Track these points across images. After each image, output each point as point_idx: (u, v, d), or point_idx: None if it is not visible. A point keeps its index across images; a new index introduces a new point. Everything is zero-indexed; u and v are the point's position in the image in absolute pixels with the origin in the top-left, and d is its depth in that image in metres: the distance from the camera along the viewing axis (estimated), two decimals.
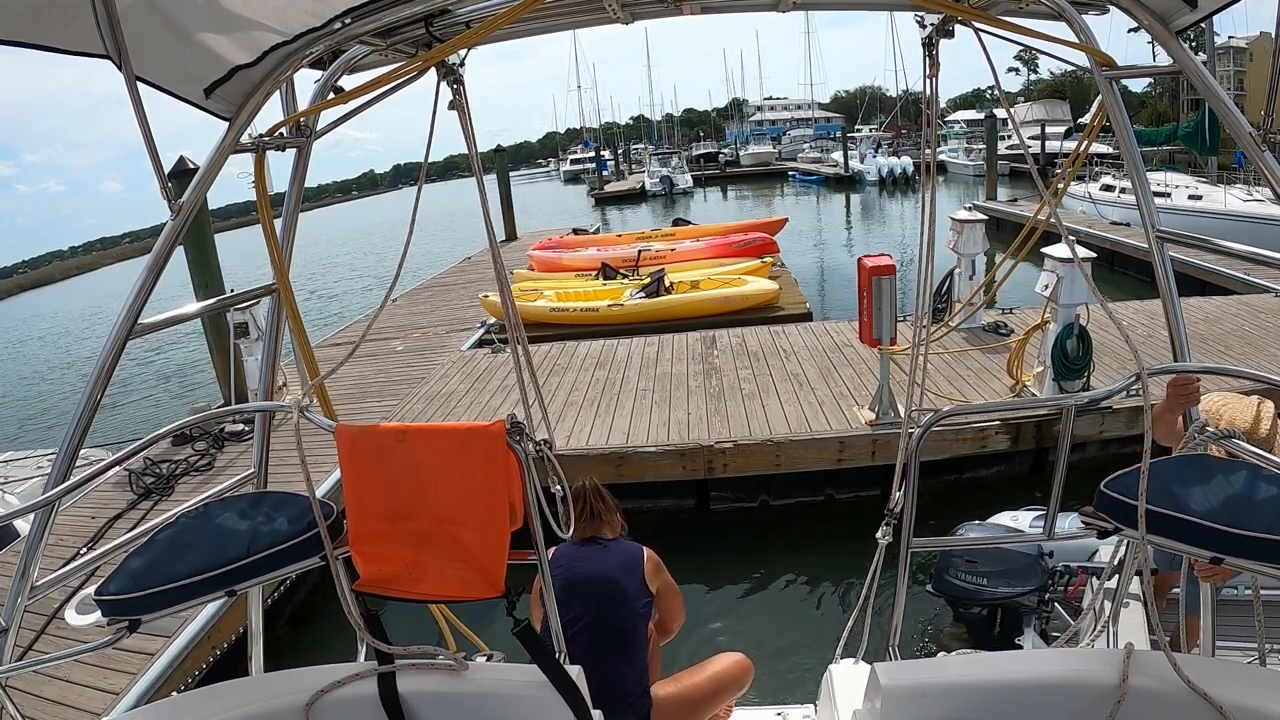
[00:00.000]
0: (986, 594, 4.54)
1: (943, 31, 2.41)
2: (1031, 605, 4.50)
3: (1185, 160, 22.02)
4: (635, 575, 2.63)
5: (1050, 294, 6.80)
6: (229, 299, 2.53)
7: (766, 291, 13.10)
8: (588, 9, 2.30)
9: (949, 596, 4.79)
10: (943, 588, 4.77)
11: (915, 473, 1.92)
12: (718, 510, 7.18)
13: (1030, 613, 4.54)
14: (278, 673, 1.91)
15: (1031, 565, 4.52)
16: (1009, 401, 3.77)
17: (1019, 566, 4.52)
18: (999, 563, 4.56)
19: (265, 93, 2.11)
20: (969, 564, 4.60)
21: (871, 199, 39.05)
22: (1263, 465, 1.71)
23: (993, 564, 4.56)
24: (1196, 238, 2.07)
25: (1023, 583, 4.48)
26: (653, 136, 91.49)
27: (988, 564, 4.57)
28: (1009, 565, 4.53)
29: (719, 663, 2.79)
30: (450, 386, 9.57)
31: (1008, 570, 4.52)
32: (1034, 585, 4.47)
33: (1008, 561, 4.55)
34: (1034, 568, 4.51)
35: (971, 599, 4.61)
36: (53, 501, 1.73)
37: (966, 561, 4.60)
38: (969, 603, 4.66)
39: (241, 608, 4.77)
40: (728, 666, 2.76)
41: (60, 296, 53.58)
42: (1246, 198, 16.15)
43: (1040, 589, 4.46)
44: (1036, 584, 4.47)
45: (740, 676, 2.79)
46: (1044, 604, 4.51)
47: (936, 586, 4.80)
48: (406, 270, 2.56)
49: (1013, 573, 4.51)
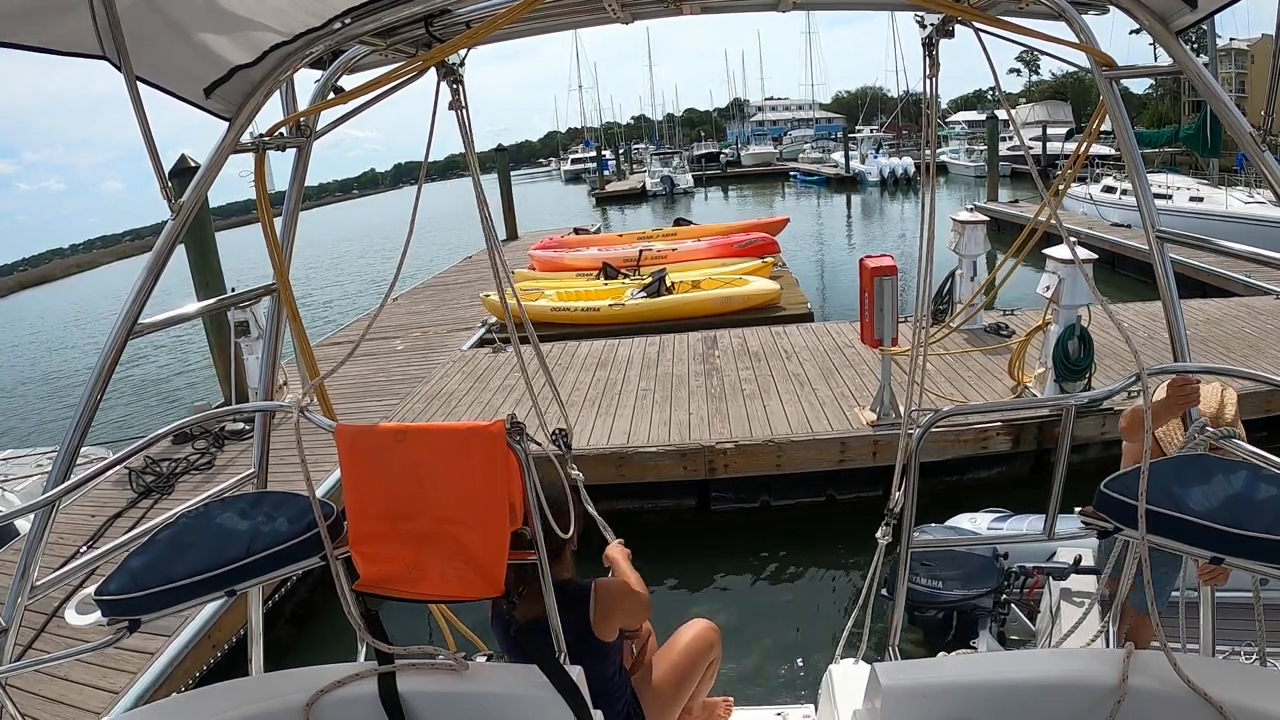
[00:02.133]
0: (942, 597, 4.46)
1: (943, 31, 2.41)
2: (987, 607, 4.42)
3: (1186, 162, 21.99)
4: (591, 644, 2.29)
5: (1051, 295, 6.80)
6: (229, 298, 2.53)
7: (768, 292, 13.10)
8: (588, 9, 2.30)
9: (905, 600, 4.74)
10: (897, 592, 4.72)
11: (915, 473, 1.92)
12: (718, 511, 7.17)
13: (986, 615, 4.46)
14: (278, 673, 1.91)
15: (987, 567, 4.46)
16: (1008, 402, 3.78)
17: (975, 568, 4.45)
18: (954, 565, 4.49)
19: (265, 93, 2.11)
20: (924, 566, 4.51)
21: (873, 199, 39.05)
22: (1263, 465, 1.71)
23: (948, 566, 4.49)
24: (1197, 238, 2.07)
25: (979, 585, 4.40)
26: (654, 136, 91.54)
27: (943, 566, 4.50)
28: (964, 567, 4.47)
29: (685, 634, 2.76)
30: (450, 386, 9.58)
31: (963, 572, 4.45)
32: (990, 587, 4.39)
33: (963, 564, 4.49)
34: (990, 569, 4.45)
35: (927, 602, 4.51)
36: (53, 501, 1.74)
37: (922, 564, 4.50)
38: (925, 606, 4.55)
39: (241, 607, 4.77)
40: (695, 636, 2.73)
41: (57, 296, 53.52)
42: (1248, 200, 16.13)
43: (996, 590, 4.39)
44: (992, 585, 4.39)
45: (710, 638, 2.76)
46: (1000, 606, 4.45)
47: (890, 591, 4.75)
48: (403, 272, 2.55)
49: (968, 575, 4.44)
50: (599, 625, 2.24)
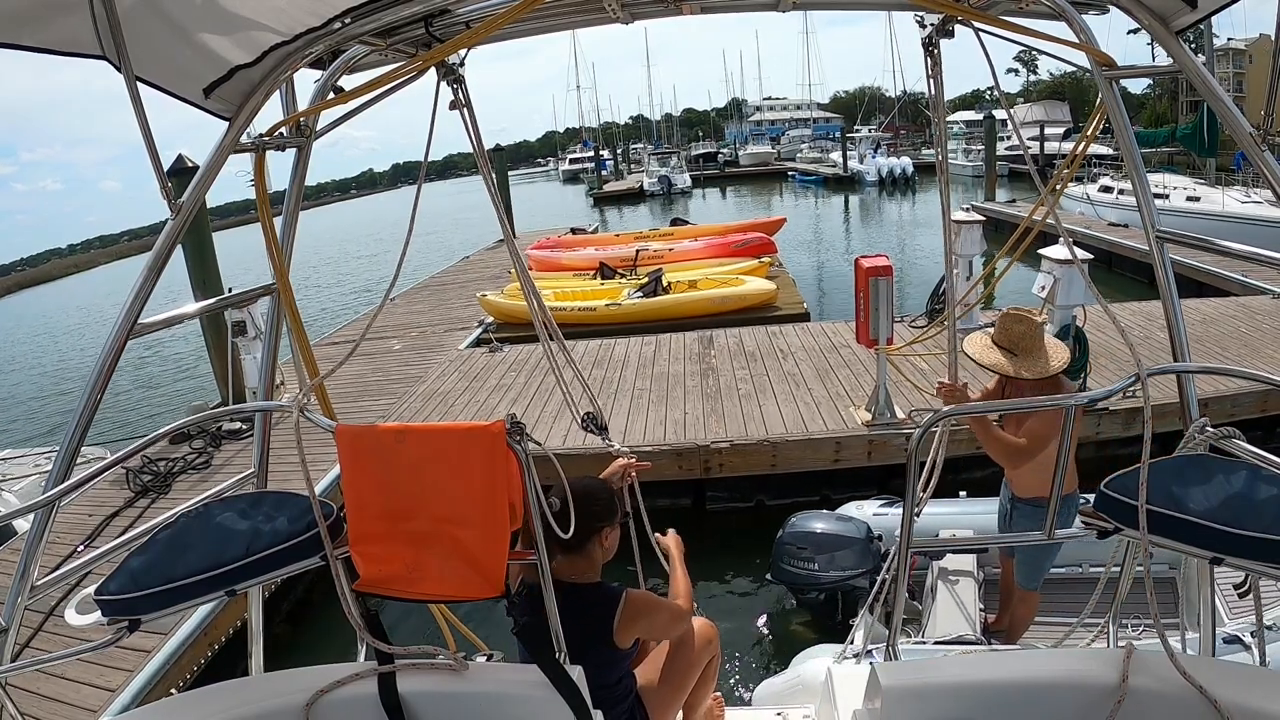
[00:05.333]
0: (820, 578, 4.69)
1: (943, 32, 2.41)
2: (865, 587, 4.57)
3: (1184, 162, 22.03)
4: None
5: (1047, 295, 6.80)
6: (228, 298, 2.53)
7: (764, 292, 13.11)
8: (588, 9, 2.30)
9: (787, 583, 4.94)
10: (779, 575, 4.90)
11: (915, 473, 1.92)
12: (714, 510, 7.17)
13: (865, 595, 4.58)
14: (277, 673, 1.91)
15: (862, 548, 4.67)
16: (1009, 402, 3.78)
17: (849, 550, 4.67)
18: (829, 547, 4.70)
19: (265, 93, 2.11)
20: (800, 550, 4.74)
21: (870, 199, 39.04)
22: (1263, 465, 1.71)
23: (823, 549, 4.70)
24: (1197, 238, 2.07)
25: (853, 566, 4.63)
26: (652, 136, 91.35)
27: (817, 549, 4.71)
28: (838, 549, 4.68)
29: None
30: (448, 385, 9.58)
31: (838, 555, 4.67)
32: (865, 568, 4.61)
33: (838, 546, 4.69)
34: (865, 551, 4.66)
35: (807, 584, 4.77)
36: (53, 501, 1.73)
37: (798, 548, 4.74)
38: (806, 588, 4.83)
39: (238, 604, 4.77)
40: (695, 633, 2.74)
41: (57, 297, 53.34)
42: (1244, 199, 16.16)
43: (873, 571, 4.56)
44: (868, 566, 4.60)
45: (709, 636, 2.76)
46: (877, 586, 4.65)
47: (774, 574, 4.94)
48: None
49: (843, 557, 4.66)
50: (619, 633, 2.23)
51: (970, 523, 4.60)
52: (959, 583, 4.49)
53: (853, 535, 4.74)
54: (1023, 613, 4.25)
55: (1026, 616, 4.26)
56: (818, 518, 5.01)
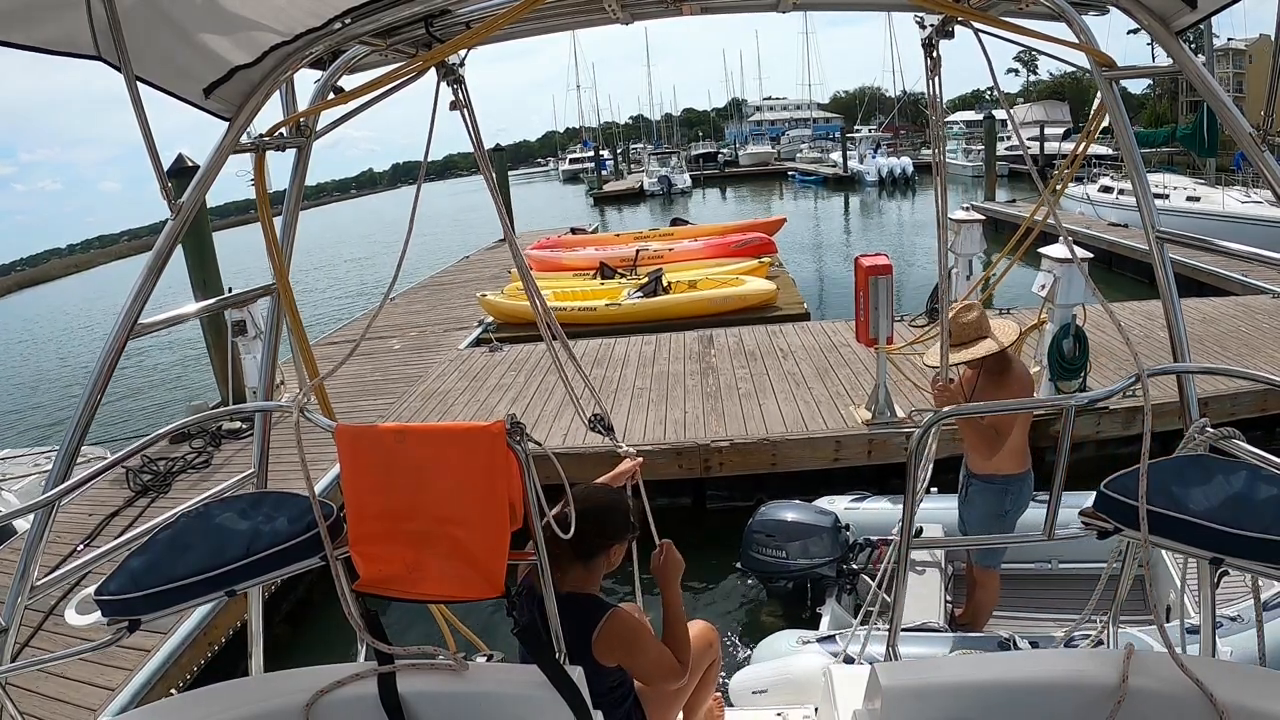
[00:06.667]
0: (789, 566, 4.76)
1: (942, 32, 2.41)
2: (831, 575, 4.71)
3: (1184, 162, 22.03)
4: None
5: (1047, 294, 6.80)
6: (229, 298, 2.53)
7: (764, 291, 13.11)
8: (588, 9, 2.30)
9: (756, 572, 4.99)
10: (748, 564, 4.97)
11: (915, 472, 1.92)
12: (714, 509, 7.16)
13: (832, 583, 4.76)
14: (277, 673, 1.91)
15: (829, 538, 4.74)
16: (1009, 402, 3.80)
17: (816, 539, 4.75)
18: (796, 536, 4.77)
19: (265, 93, 2.11)
20: (768, 538, 4.81)
21: (870, 199, 39.02)
22: (1263, 465, 1.71)
23: (790, 538, 4.77)
24: (1197, 238, 2.07)
25: (820, 554, 4.71)
26: (652, 136, 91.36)
27: (785, 538, 4.78)
28: (806, 538, 4.75)
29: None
30: (447, 385, 9.57)
31: (805, 543, 4.74)
32: (832, 556, 4.69)
33: (805, 535, 4.76)
34: (832, 540, 4.73)
35: (775, 572, 4.83)
36: (53, 501, 1.73)
37: (766, 536, 4.82)
38: (774, 576, 4.89)
39: (238, 604, 4.77)
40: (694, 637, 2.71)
41: (56, 297, 53.28)
42: (1244, 199, 16.16)
43: (840, 560, 4.69)
44: (835, 555, 4.69)
45: (709, 638, 2.75)
46: (845, 575, 4.75)
47: (743, 563, 5.00)
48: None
49: (810, 545, 4.73)
50: (598, 648, 2.18)
51: (940, 518, 4.67)
52: (925, 573, 4.61)
53: (821, 524, 4.82)
54: (983, 597, 4.32)
55: (987, 600, 4.33)
56: (788, 507, 5.07)
